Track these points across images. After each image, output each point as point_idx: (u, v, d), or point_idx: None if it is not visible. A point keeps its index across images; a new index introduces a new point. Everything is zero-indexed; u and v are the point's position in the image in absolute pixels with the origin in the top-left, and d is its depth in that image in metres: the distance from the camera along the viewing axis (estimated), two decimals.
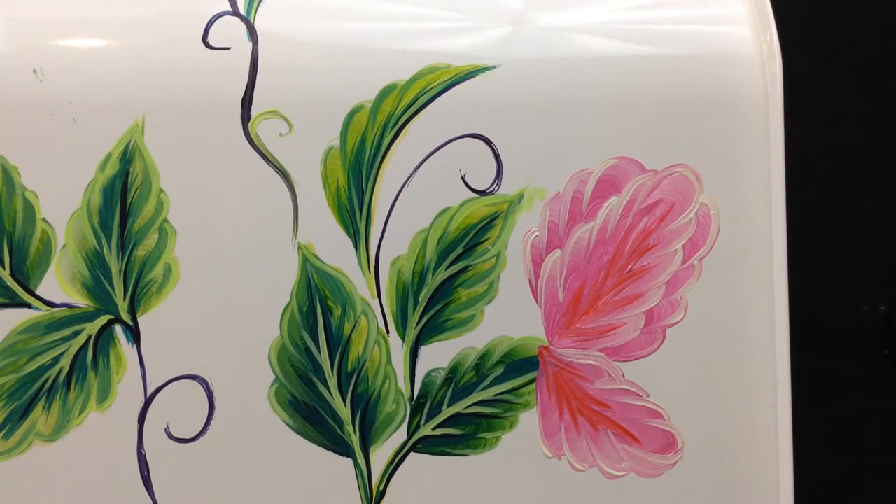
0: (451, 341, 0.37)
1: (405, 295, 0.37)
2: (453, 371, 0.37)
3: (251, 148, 0.36)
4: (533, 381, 0.37)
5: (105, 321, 0.36)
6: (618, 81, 0.37)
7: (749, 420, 0.38)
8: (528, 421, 0.37)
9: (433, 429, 0.37)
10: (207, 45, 0.36)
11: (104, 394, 0.36)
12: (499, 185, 0.37)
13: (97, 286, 0.36)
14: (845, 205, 0.51)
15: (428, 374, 0.37)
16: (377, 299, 0.37)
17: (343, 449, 0.37)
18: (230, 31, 0.36)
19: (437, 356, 0.37)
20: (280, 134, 0.36)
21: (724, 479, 0.38)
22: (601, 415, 0.37)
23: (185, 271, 0.36)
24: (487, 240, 0.37)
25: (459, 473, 0.37)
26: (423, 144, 0.36)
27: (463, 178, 0.37)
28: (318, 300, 0.36)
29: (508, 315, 0.37)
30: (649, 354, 0.37)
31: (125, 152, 0.35)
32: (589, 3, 0.38)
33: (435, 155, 0.36)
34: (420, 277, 0.37)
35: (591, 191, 0.37)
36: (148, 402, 0.36)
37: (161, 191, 0.36)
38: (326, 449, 0.37)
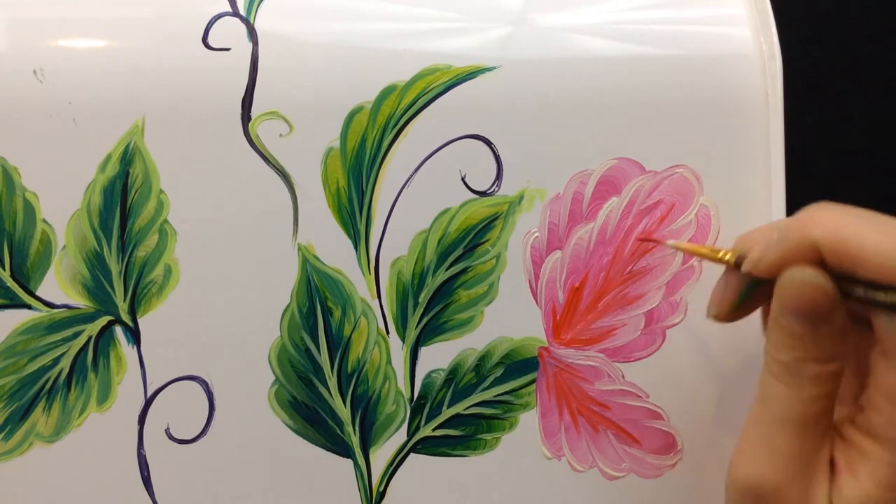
0: (451, 342, 0.37)
1: (405, 296, 0.37)
2: (453, 372, 0.37)
3: (251, 149, 0.36)
4: (533, 381, 0.37)
5: (105, 322, 0.36)
6: (618, 82, 0.37)
7: None
8: (528, 422, 0.37)
9: (433, 430, 0.37)
10: (207, 46, 0.36)
11: (104, 395, 0.36)
12: (499, 185, 0.37)
13: (97, 287, 0.36)
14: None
15: (428, 375, 0.37)
16: (377, 300, 0.37)
17: (343, 450, 0.37)
18: (230, 31, 0.36)
19: (437, 357, 0.37)
20: (280, 135, 0.36)
21: (724, 480, 0.38)
22: (601, 415, 0.37)
23: (185, 272, 0.36)
24: (487, 241, 0.37)
25: (459, 474, 0.37)
26: (423, 145, 0.36)
27: (463, 179, 0.37)
28: (318, 301, 0.36)
29: (508, 316, 0.37)
30: (649, 355, 0.37)
31: (125, 153, 0.35)
32: (589, 4, 0.38)
33: (435, 156, 0.36)
34: (420, 278, 0.37)
35: (591, 192, 0.37)
36: (148, 402, 0.36)
37: (161, 192, 0.36)
38: (326, 450, 0.37)
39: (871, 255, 0.26)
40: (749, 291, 0.31)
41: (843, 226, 0.27)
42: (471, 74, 0.37)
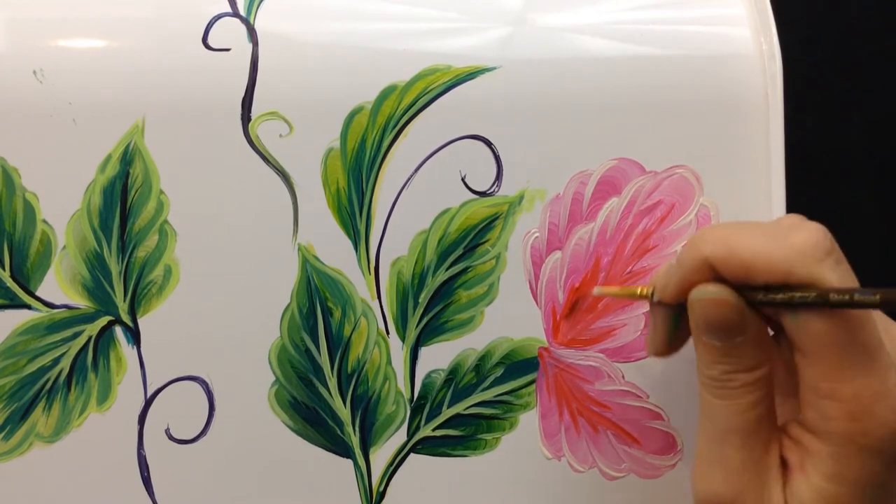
0: (451, 342, 0.37)
1: (405, 296, 0.37)
2: (453, 372, 0.37)
3: (251, 149, 0.36)
4: (533, 382, 0.37)
5: (105, 322, 0.36)
6: (618, 82, 0.37)
7: None
8: (528, 422, 0.37)
9: (433, 430, 0.37)
10: (207, 46, 0.36)
11: (104, 395, 0.36)
12: (499, 186, 0.37)
13: (97, 287, 0.36)
14: (845, 205, 0.51)
15: (428, 376, 0.37)
16: (377, 300, 0.37)
17: (343, 450, 0.37)
18: (230, 32, 0.36)
19: (437, 357, 0.37)
20: (280, 135, 0.36)
21: None
22: (601, 416, 0.37)
23: (185, 272, 0.36)
24: (487, 241, 0.37)
25: (459, 474, 0.37)
26: (424, 146, 0.36)
27: (463, 180, 0.37)
28: (318, 301, 0.36)
29: (508, 316, 0.37)
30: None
31: (125, 153, 0.35)
32: (589, 4, 0.38)
33: (435, 156, 0.36)
34: (420, 278, 0.37)
35: (591, 192, 0.37)
36: (148, 403, 0.36)
37: (161, 192, 0.36)
38: (326, 450, 0.37)
39: (757, 261, 0.27)
40: (677, 321, 0.31)
41: (728, 239, 0.28)
42: (471, 75, 0.37)
